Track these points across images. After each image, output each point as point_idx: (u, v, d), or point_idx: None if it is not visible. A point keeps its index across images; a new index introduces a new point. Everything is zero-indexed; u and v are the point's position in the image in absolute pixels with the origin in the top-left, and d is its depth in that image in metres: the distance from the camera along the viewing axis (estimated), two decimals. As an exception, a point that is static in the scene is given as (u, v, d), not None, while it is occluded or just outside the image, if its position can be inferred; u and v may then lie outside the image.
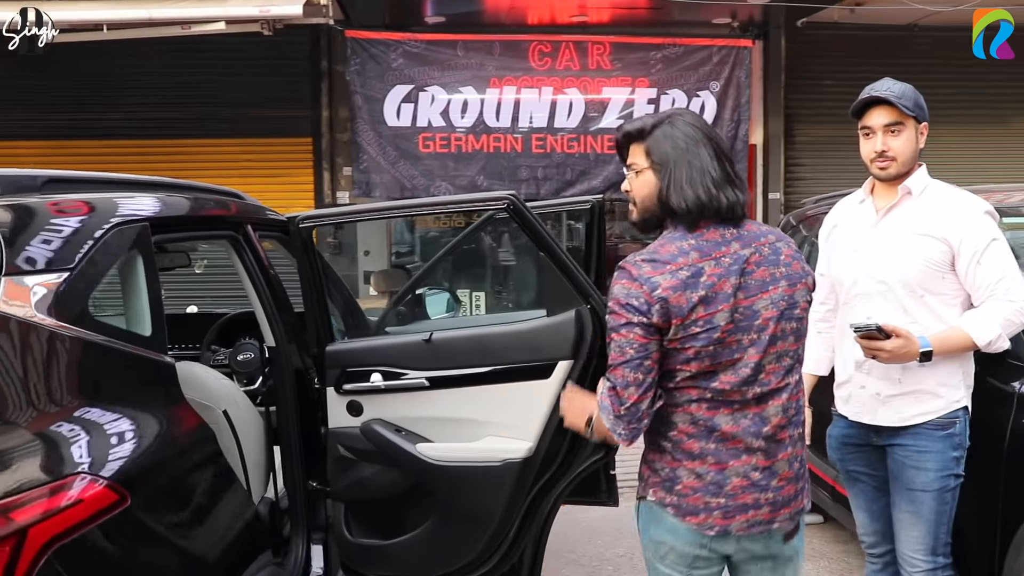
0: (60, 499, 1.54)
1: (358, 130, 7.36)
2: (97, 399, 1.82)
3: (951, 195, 2.75)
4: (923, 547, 2.70)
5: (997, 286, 2.60)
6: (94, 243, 1.98)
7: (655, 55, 7.67)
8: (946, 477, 2.66)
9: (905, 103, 2.67)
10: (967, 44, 8.69)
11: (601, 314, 2.70)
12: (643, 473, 2.22)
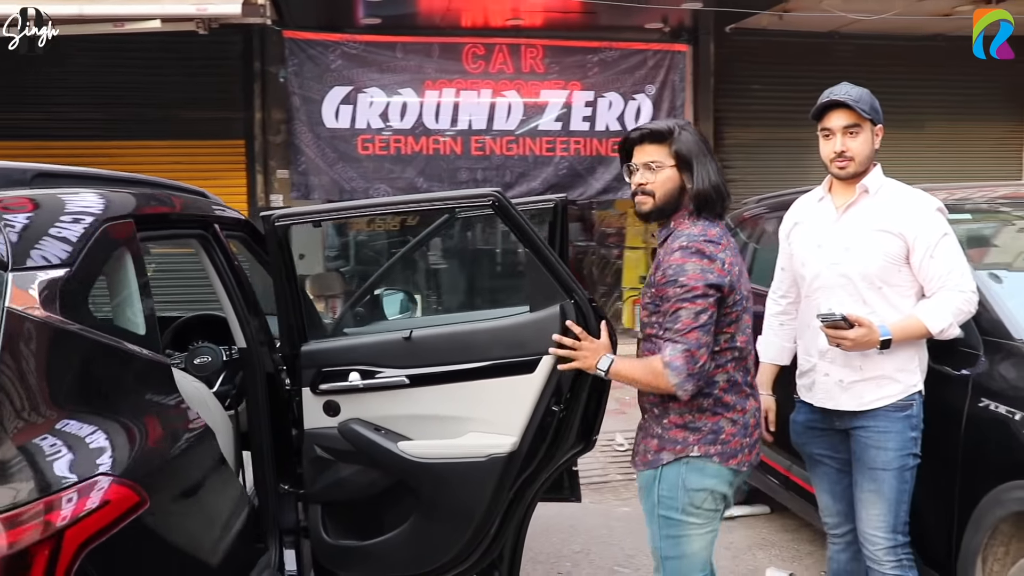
0: (90, 501, 1.50)
1: (296, 132, 7.27)
2: (109, 399, 1.79)
3: (905, 193, 2.92)
4: (884, 525, 2.86)
5: (948, 278, 2.78)
6: (89, 240, 1.94)
7: (592, 59, 7.77)
8: (905, 456, 2.83)
9: (862, 106, 2.84)
10: (885, 51, 9.09)
11: (585, 309, 2.75)
12: (677, 437, 2.57)
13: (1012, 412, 2.73)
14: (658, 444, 2.60)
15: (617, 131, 7.83)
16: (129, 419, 1.80)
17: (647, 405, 2.68)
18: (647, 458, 2.64)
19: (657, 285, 2.53)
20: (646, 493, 2.66)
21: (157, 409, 1.95)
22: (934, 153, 9.17)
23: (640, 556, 4.45)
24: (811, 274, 3.00)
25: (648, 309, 2.62)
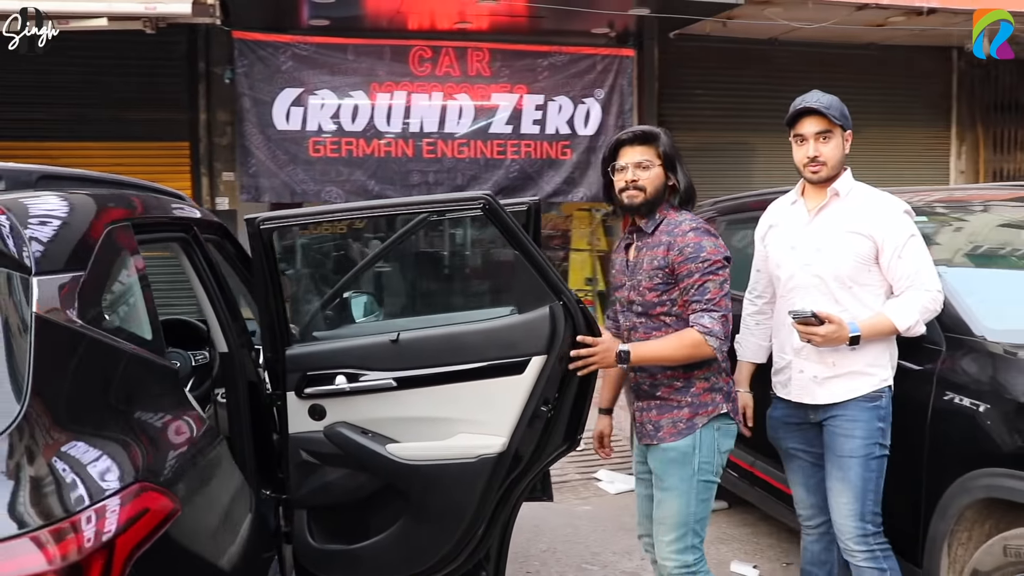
0: (133, 509, 1.48)
1: (246, 133, 7.17)
2: (133, 406, 1.77)
3: (874, 196, 3.06)
4: (852, 513, 2.97)
5: (916, 277, 2.92)
6: (98, 243, 1.92)
7: (542, 62, 7.84)
8: (871, 445, 2.96)
9: (833, 113, 2.97)
10: (821, 58, 9.37)
11: (574, 310, 2.81)
12: (707, 400, 2.88)
13: (976, 404, 2.87)
14: (690, 411, 2.88)
15: (567, 134, 7.91)
16: (153, 426, 1.79)
17: (666, 381, 2.90)
18: (678, 428, 2.88)
19: (672, 264, 2.81)
20: (679, 465, 2.87)
21: (175, 414, 1.94)
22: (868, 157, 9.45)
23: (606, 553, 4.53)
24: (785, 275, 3.13)
25: (658, 291, 2.85)
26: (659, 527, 2.95)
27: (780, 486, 4.05)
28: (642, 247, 2.93)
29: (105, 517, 1.40)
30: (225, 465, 2.18)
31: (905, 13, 8.06)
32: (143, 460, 1.63)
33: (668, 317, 2.86)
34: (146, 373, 1.93)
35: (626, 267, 3.01)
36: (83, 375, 1.65)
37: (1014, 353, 2.89)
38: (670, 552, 2.91)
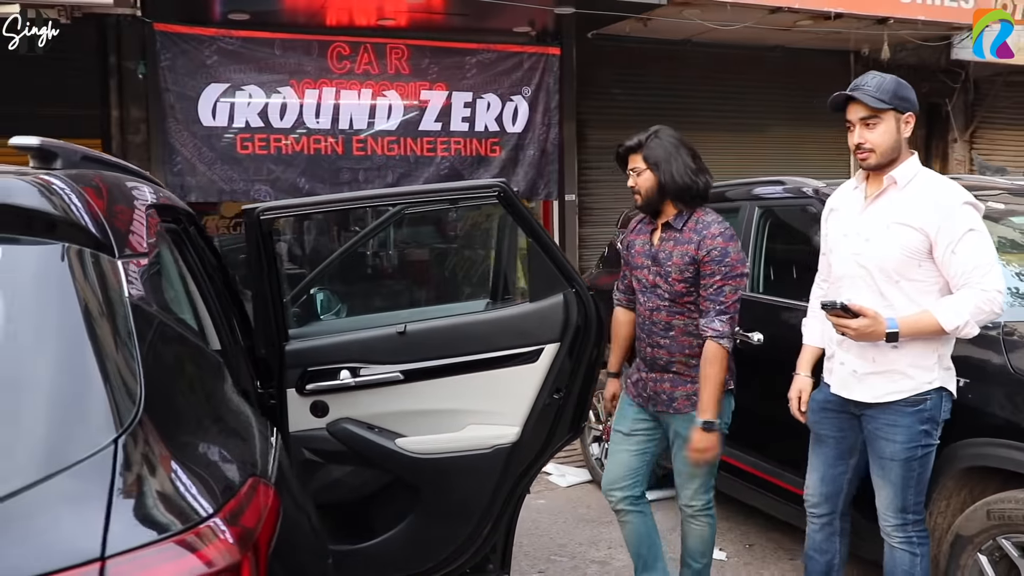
0: (260, 503, 1.40)
1: (170, 130, 6.90)
2: (213, 398, 1.70)
3: (935, 185, 2.87)
4: (891, 506, 2.96)
5: (971, 275, 2.73)
6: (155, 228, 1.84)
7: (470, 60, 7.83)
8: (913, 448, 2.87)
9: (881, 96, 2.81)
10: (732, 59, 9.67)
11: (585, 298, 2.84)
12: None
13: (958, 380, 3.02)
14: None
15: (496, 131, 7.93)
16: (234, 418, 1.72)
17: (682, 359, 3.26)
18: (691, 400, 3.25)
19: (700, 261, 3.14)
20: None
21: (240, 406, 1.87)
22: (776, 155, 9.84)
23: (572, 544, 4.58)
24: (836, 262, 3.04)
25: (687, 283, 3.18)
26: (684, 478, 3.39)
27: (747, 468, 4.19)
28: (670, 239, 3.26)
29: (243, 514, 1.32)
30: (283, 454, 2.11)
31: (813, 17, 8.40)
32: (247, 454, 1.57)
33: (692, 304, 3.22)
34: (209, 364, 1.86)
35: (649, 251, 3.32)
36: (175, 369, 1.57)
37: (986, 332, 3.05)
38: (700, 494, 3.40)
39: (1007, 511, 2.88)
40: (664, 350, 3.27)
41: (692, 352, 3.23)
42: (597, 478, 5.44)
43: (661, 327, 3.27)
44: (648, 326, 3.31)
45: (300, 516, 1.81)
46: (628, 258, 3.44)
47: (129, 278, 1.51)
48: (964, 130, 10.86)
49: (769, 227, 4.33)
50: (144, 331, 1.45)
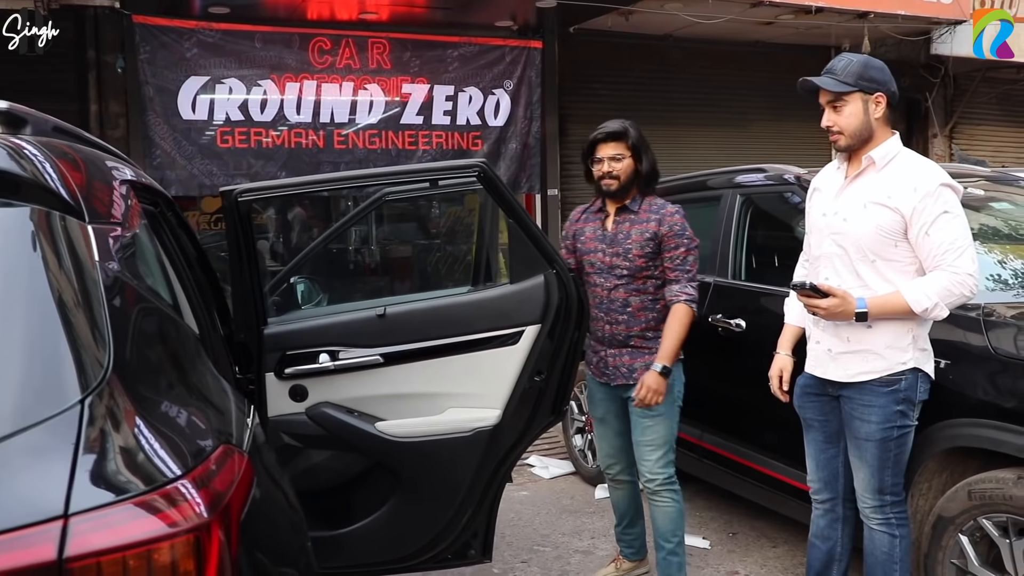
0: (231, 469, 1.37)
1: (149, 124, 6.84)
2: (185, 367, 1.67)
3: (913, 166, 2.87)
4: (869, 488, 2.96)
5: (944, 256, 2.73)
6: (126, 199, 1.81)
7: (452, 53, 7.82)
8: (888, 428, 2.87)
9: (844, 79, 2.83)
10: (713, 54, 9.70)
11: (566, 279, 2.82)
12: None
13: (937, 361, 3.02)
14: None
15: (477, 125, 7.92)
16: (207, 388, 1.70)
17: (639, 332, 3.51)
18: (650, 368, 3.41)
19: (662, 237, 3.45)
20: (666, 394, 3.44)
21: (215, 380, 1.85)
22: (758, 149, 9.85)
23: (555, 535, 4.56)
24: (815, 242, 3.06)
25: (647, 257, 3.46)
26: (646, 448, 3.53)
27: (729, 455, 4.19)
28: (626, 221, 3.53)
29: (213, 479, 1.29)
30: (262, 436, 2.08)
31: (794, 11, 8.42)
32: (220, 423, 1.54)
33: (651, 280, 3.50)
34: (184, 336, 1.83)
35: (603, 235, 3.56)
36: (147, 335, 1.54)
37: (965, 313, 3.06)
38: (658, 467, 3.53)
39: (988, 491, 2.88)
40: (623, 325, 3.51)
41: (648, 326, 3.50)
42: (580, 470, 5.44)
43: (619, 304, 3.51)
44: (606, 304, 3.53)
45: (276, 492, 1.79)
46: (577, 245, 3.65)
47: (99, 243, 1.49)
48: (944, 125, 10.93)
49: (751, 214, 4.33)
50: (114, 295, 1.43)
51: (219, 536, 1.21)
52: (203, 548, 1.15)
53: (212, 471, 1.30)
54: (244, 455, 1.49)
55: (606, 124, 3.56)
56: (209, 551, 1.17)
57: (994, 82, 11.03)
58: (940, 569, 3.07)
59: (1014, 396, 2.84)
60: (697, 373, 4.22)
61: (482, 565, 4.15)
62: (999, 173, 4.74)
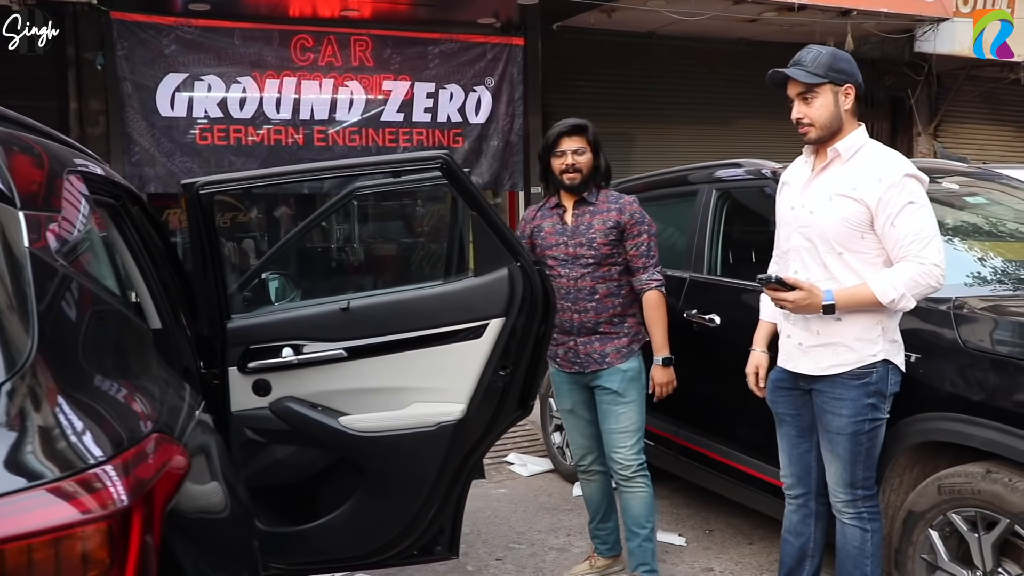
0: (160, 458, 1.34)
1: (128, 120, 6.80)
2: (125, 357, 1.64)
3: (878, 157, 2.85)
4: (841, 481, 2.94)
5: (910, 247, 2.72)
6: (65, 187, 1.78)
7: (433, 50, 7.79)
8: (860, 422, 2.86)
9: (815, 70, 2.80)
10: (696, 52, 9.70)
11: (531, 272, 2.79)
12: (640, 331, 3.66)
13: (907, 355, 3.00)
14: (628, 340, 3.61)
15: (458, 122, 7.89)
16: (148, 379, 1.67)
17: (607, 318, 3.58)
18: (622, 353, 3.59)
19: (625, 225, 3.57)
20: (637, 382, 3.61)
21: (160, 374, 1.82)
22: (743, 147, 9.82)
23: (531, 532, 4.53)
24: (784, 235, 3.05)
25: (611, 245, 3.57)
26: (620, 436, 3.61)
27: (703, 451, 4.17)
28: (586, 213, 3.62)
29: (136, 466, 1.26)
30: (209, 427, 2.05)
31: (777, 8, 8.43)
32: (152, 411, 1.51)
33: (615, 267, 3.60)
34: (127, 327, 1.80)
35: (563, 228, 3.64)
36: (78, 321, 1.51)
37: (936, 307, 3.05)
38: (631, 454, 3.61)
39: (957, 485, 2.86)
40: (591, 312, 3.58)
41: (615, 312, 3.60)
42: (559, 467, 5.41)
43: (587, 292, 3.58)
44: (573, 294, 3.59)
45: (218, 484, 1.75)
46: (536, 242, 3.72)
47: (31, 230, 1.46)
48: (928, 124, 10.95)
49: (727, 209, 4.31)
50: (45, 281, 1.41)
51: (139, 524, 1.18)
52: (120, 536, 1.12)
53: (136, 458, 1.27)
54: (178, 445, 1.46)
55: (567, 120, 3.65)
56: (128, 539, 1.14)
57: (978, 80, 11.05)
58: (910, 564, 3.05)
59: (982, 389, 2.82)
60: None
61: (456, 562, 4.14)
62: (978, 169, 4.73)
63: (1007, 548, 2.80)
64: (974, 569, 2.85)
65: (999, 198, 4.21)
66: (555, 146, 3.59)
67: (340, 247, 9.06)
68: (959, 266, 3.45)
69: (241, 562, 1.77)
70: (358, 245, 9.07)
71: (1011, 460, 2.73)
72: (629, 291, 3.62)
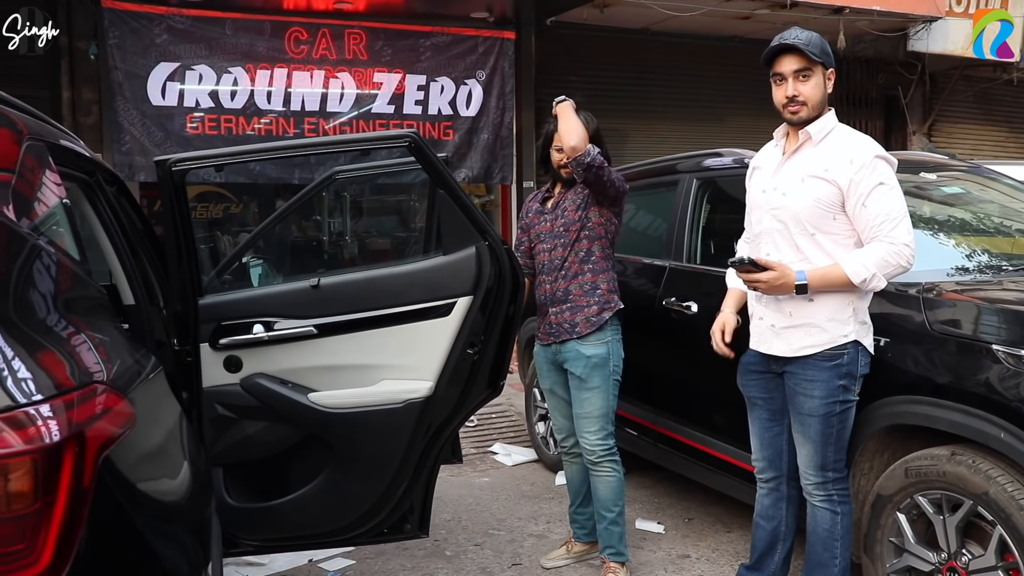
0: (97, 405, 1.38)
1: (118, 109, 6.81)
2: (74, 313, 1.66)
3: (848, 140, 2.90)
4: (812, 464, 2.97)
5: (880, 228, 2.76)
6: (22, 151, 1.80)
7: (424, 43, 7.79)
8: (831, 404, 2.89)
9: (812, 50, 2.83)
10: (690, 49, 9.70)
11: (499, 250, 2.81)
12: (612, 298, 3.67)
13: (877, 340, 3.03)
14: (598, 308, 3.62)
15: (449, 115, 7.89)
16: (98, 336, 1.68)
17: (576, 287, 3.63)
18: (591, 321, 3.61)
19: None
20: (600, 368, 3.61)
21: (114, 335, 1.83)
22: (734, 144, 9.83)
23: (511, 519, 4.55)
24: (756, 219, 3.08)
25: (579, 210, 3.64)
26: (585, 421, 3.65)
27: (682, 439, 4.18)
28: (567, 193, 3.72)
29: (72, 409, 1.30)
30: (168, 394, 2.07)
31: (770, 6, 8.43)
32: (94, 362, 1.53)
33: (583, 231, 3.65)
34: (83, 288, 1.82)
35: (543, 209, 3.79)
36: (28, 274, 1.54)
37: (905, 291, 3.07)
38: (596, 439, 3.65)
39: (923, 468, 2.88)
40: (562, 281, 3.66)
41: (586, 279, 3.66)
42: (543, 457, 5.44)
43: (559, 262, 3.68)
44: (548, 265, 3.72)
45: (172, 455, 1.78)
46: (528, 223, 3.87)
47: None
48: (922, 123, 10.96)
49: (707, 198, 4.33)
50: None
51: (70, 466, 1.21)
52: (48, 474, 1.15)
53: (71, 402, 1.31)
54: (121, 398, 1.48)
55: None
56: (58, 479, 1.16)
57: (972, 80, 11.05)
58: (879, 548, 3.07)
59: (949, 372, 2.84)
60: (650, 357, 4.23)
61: (435, 547, 4.17)
62: (962, 162, 4.75)
63: (971, 530, 2.82)
64: (940, 551, 2.87)
65: (974, 188, 4.23)
66: (552, 141, 3.72)
67: (333, 240, 9.08)
68: (935, 253, 3.48)
69: (192, 534, 1.79)
70: (350, 238, 9.08)
71: (976, 442, 2.75)
72: (600, 257, 3.67)
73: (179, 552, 1.65)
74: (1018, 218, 4.03)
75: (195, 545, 1.76)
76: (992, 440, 2.66)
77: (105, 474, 1.30)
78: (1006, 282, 3.32)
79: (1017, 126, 11.95)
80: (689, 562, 3.99)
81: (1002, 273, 3.44)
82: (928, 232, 3.70)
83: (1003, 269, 3.48)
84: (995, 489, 2.64)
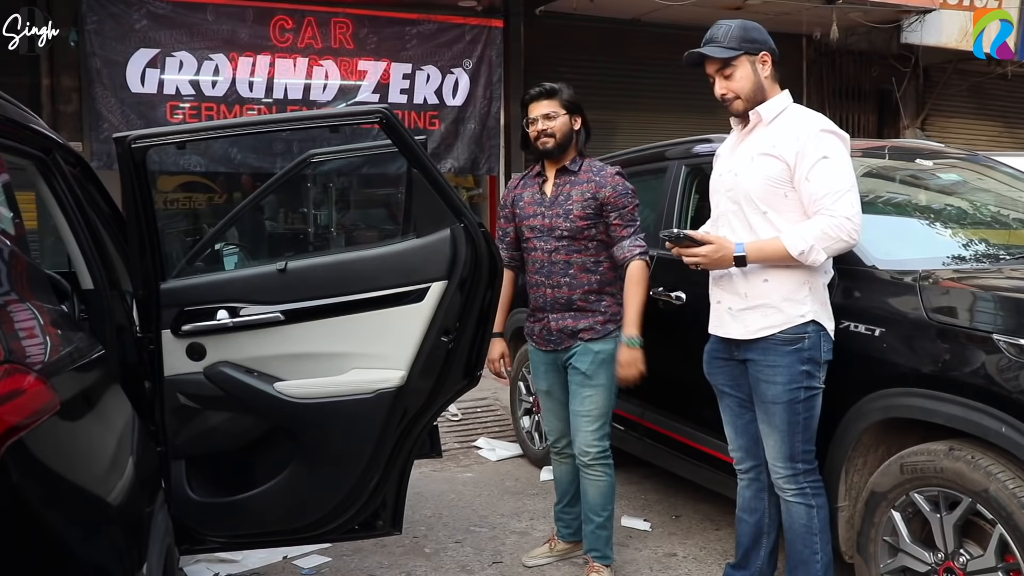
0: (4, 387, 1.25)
1: (96, 96, 6.66)
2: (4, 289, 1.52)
3: (797, 117, 2.91)
4: (780, 455, 2.91)
5: (822, 201, 2.74)
6: None
7: (410, 31, 7.66)
8: (795, 390, 2.85)
9: (728, 44, 2.85)
10: (680, 40, 9.53)
11: (474, 232, 2.68)
12: (617, 312, 3.45)
13: (871, 330, 2.91)
14: (603, 319, 3.45)
15: (435, 104, 7.76)
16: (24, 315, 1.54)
17: (581, 295, 3.43)
18: (595, 331, 3.44)
19: (605, 198, 3.40)
20: (607, 365, 3.43)
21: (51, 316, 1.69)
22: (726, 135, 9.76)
23: (493, 516, 4.43)
24: (715, 202, 3.08)
25: (589, 219, 3.40)
26: (583, 419, 3.46)
27: (669, 433, 4.06)
28: (567, 183, 3.48)
29: None
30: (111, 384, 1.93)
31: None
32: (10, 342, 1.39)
33: (591, 242, 3.43)
34: (13, 264, 1.67)
35: (542, 199, 3.52)
36: None
37: (901, 279, 2.95)
38: (593, 439, 3.46)
39: (919, 464, 2.76)
40: (565, 288, 3.44)
41: (590, 289, 3.43)
42: (527, 452, 5.31)
43: (561, 266, 3.43)
44: (547, 268, 3.46)
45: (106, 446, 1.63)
46: (515, 212, 3.62)
47: None
48: (915, 117, 10.86)
49: (696, 186, 4.21)
50: None
51: None
52: None
53: None
54: (40, 380, 1.35)
55: (538, 85, 3.54)
56: None
57: (966, 74, 10.96)
58: (872, 547, 2.95)
59: (946, 363, 2.71)
60: (637, 348, 4.09)
61: (414, 544, 4.04)
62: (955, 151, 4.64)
63: (969, 529, 2.70)
64: (936, 551, 2.75)
65: (970, 176, 4.12)
66: (527, 113, 3.52)
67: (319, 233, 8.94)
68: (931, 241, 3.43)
69: (126, 532, 1.64)
70: (336, 231, 8.94)
71: (975, 437, 2.63)
72: (608, 268, 3.46)
73: (106, 551, 1.51)
74: (1015, 207, 3.91)
75: (129, 544, 1.62)
76: (992, 434, 2.54)
77: (9, 462, 1.16)
78: (1005, 270, 3.20)
79: (1011, 120, 11.86)
80: (676, 561, 3.86)
81: (1000, 261, 3.32)
82: (924, 220, 3.58)
83: (1001, 257, 3.36)
84: (995, 486, 2.52)
